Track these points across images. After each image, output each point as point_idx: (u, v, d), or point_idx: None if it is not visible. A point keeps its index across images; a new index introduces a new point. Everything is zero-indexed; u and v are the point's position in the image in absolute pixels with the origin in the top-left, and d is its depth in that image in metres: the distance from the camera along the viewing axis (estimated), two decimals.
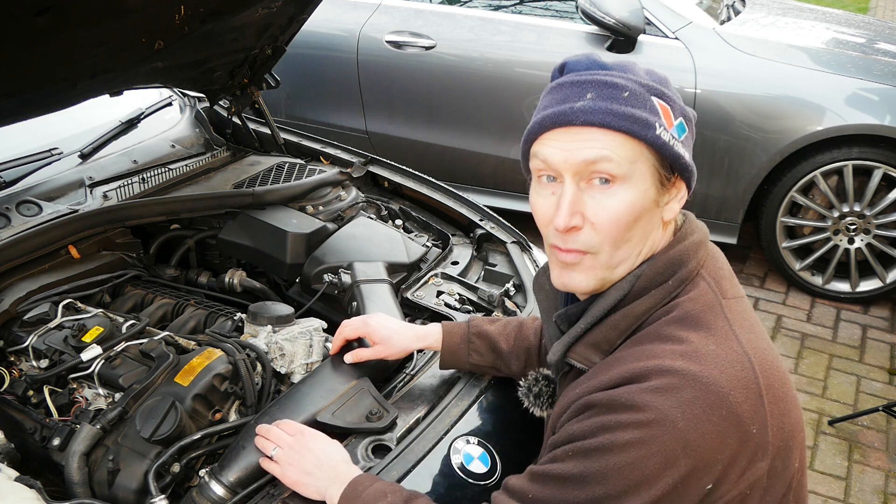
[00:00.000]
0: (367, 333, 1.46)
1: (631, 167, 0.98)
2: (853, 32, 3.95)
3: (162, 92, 2.53)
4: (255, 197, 2.05)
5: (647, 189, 1.00)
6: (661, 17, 3.51)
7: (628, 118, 0.97)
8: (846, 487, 2.55)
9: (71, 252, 1.79)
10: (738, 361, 0.94)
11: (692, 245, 1.05)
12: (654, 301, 1.02)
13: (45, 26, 1.44)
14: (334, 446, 1.24)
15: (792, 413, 0.99)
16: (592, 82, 0.99)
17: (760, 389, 0.94)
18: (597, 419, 0.95)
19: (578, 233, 1.01)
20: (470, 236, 2.05)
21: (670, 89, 1.03)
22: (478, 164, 3.88)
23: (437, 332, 1.47)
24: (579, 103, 0.98)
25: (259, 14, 1.99)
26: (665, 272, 1.03)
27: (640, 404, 0.91)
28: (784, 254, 3.56)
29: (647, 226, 1.02)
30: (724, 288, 1.03)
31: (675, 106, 1.02)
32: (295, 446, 1.21)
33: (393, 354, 1.46)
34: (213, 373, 1.39)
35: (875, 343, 3.30)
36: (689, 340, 0.95)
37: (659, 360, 0.94)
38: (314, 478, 1.18)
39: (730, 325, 0.98)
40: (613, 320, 1.04)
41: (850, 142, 3.25)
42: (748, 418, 0.92)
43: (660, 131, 0.98)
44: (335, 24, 3.96)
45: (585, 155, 0.97)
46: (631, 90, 0.98)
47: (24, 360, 1.55)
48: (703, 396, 0.90)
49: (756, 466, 0.93)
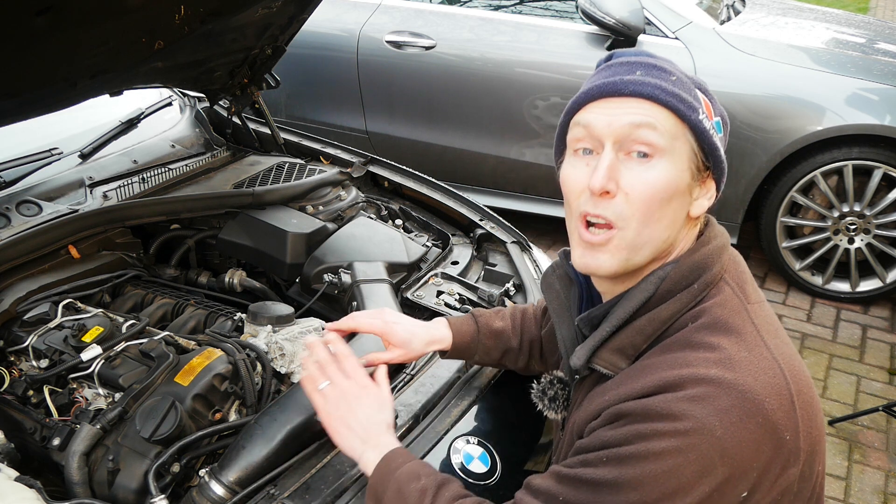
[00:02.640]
0: (384, 333, 1.36)
1: (672, 143, 0.98)
2: (853, 32, 3.95)
3: (162, 92, 2.53)
4: (255, 197, 2.05)
5: (683, 171, 1.00)
6: (661, 17, 3.51)
7: (675, 96, 0.98)
8: (846, 487, 2.55)
9: (71, 252, 1.79)
10: (769, 368, 0.94)
11: (716, 249, 1.04)
12: (679, 305, 1.01)
13: (45, 26, 1.44)
14: (383, 410, 1.19)
15: (818, 417, 0.99)
16: (642, 63, 1.02)
17: (792, 395, 0.94)
18: (632, 427, 0.93)
19: (611, 200, 0.99)
20: (470, 236, 2.05)
21: (709, 90, 1.06)
22: (478, 164, 3.88)
23: (448, 334, 1.41)
24: (629, 76, 0.99)
25: (259, 14, 2.00)
26: (690, 275, 1.02)
27: (678, 413, 0.90)
28: (784, 254, 3.56)
29: (678, 212, 1.01)
30: (747, 293, 1.03)
31: (715, 105, 1.05)
32: (346, 394, 1.18)
33: (409, 359, 1.40)
34: (213, 373, 1.39)
35: (875, 343, 3.30)
36: (722, 347, 0.94)
37: (693, 368, 0.93)
38: (353, 434, 1.16)
39: (757, 330, 0.98)
40: (639, 325, 1.02)
41: (850, 142, 3.25)
42: (783, 425, 0.92)
43: (702, 117, 1.00)
44: (335, 24, 3.96)
45: (631, 118, 0.98)
46: (678, 76, 1.01)
47: (24, 360, 1.55)
48: (739, 404, 0.90)
49: (788, 472, 0.94)
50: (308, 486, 1.23)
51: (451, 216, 2.17)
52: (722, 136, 1.05)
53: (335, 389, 1.19)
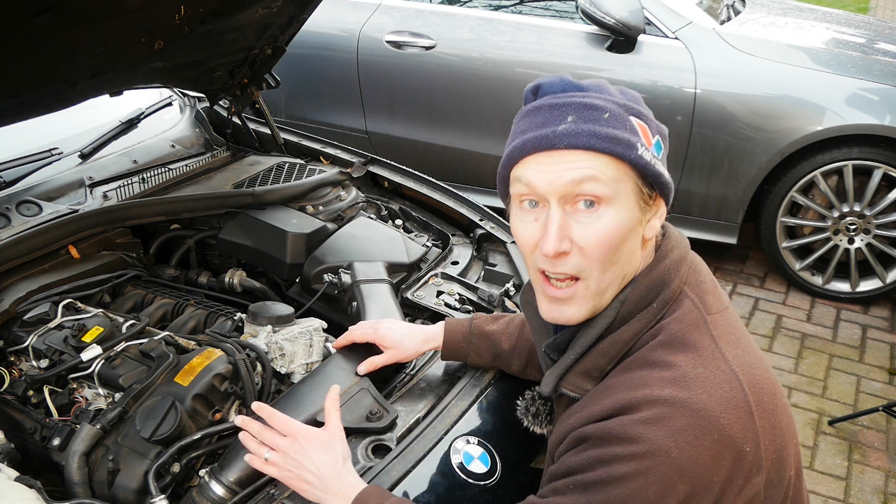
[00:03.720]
0: (376, 340, 1.47)
1: (616, 187, 0.97)
2: (853, 32, 3.95)
3: (162, 92, 2.52)
4: (255, 197, 2.05)
5: (631, 208, 0.99)
6: (661, 17, 3.51)
7: (611, 139, 0.96)
8: (846, 487, 2.55)
9: (71, 252, 1.79)
10: (726, 381, 0.95)
11: (673, 263, 1.05)
12: (640, 326, 1.02)
13: (45, 26, 1.44)
14: (329, 449, 1.16)
15: (782, 423, 0.99)
16: (572, 104, 0.98)
17: (750, 407, 0.95)
18: (593, 452, 0.95)
19: (567, 257, 1.00)
20: (470, 236, 2.05)
21: (644, 107, 1.03)
22: (478, 164, 3.88)
23: (440, 333, 1.47)
24: (561, 126, 0.97)
25: (259, 14, 2.00)
26: (648, 295, 1.03)
27: (634, 436, 0.92)
28: (784, 254, 3.56)
29: (633, 246, 1.02)
30: (707, 303, 1.03)
31: (652, 124, 1.02)
32: (290, 451, 1.16)
33: (405, 358, 1.47)
34: (213, 373, 1.39)
35: (875, 343, 3.30)
36: (677, 365, 0.96)
37: (648, 389, 0.95)
38: (313, 487, 1.14)
39: (716, 342, 0.99)
40: (602, 347, 1.04)
41: (850, 142, 3.25)
42: (741, 438, 0.93)
43: (641, 151, 0.98)
44: (335, 24, 3.96)
45: (572, 175, 0.96)
46: (611, 111, 0.98)
47: (24, 360, 1.55)
48: (694, 423, 0.91)
49: (753, 482, 0.94)
50: None
51: (451, 216, 2.17)
52: (664, 152, 1.03)
53: (277, 453, 1.17)
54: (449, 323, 1.48)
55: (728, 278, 3.76)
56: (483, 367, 1.50)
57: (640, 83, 3.45)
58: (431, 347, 1.48)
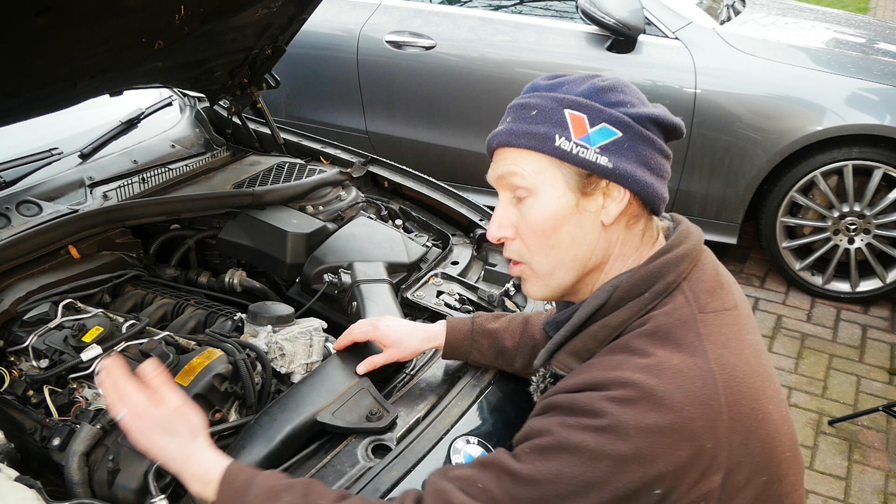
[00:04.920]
0: (376, 338, 1.46)
1: (537, 178, 1.07)
2: (853, 32, 3.95)
3: (162, 92, 2.52)
4: (255, 197, 2.05)
5: (559, 196, 1.06)
6: (661, 17, 3.51)
7: (526, 135, 1.07)
8: (846, 487, 2.55)
9: (71, 252, 1.79)
10: (699, 377, 0.96)
11: (675, 258, 1.06)
12: (630, 313, 1.05)
13: (45, 26, 1.44)
14: (173, 431, 1.10)
15: (762, 430, 0.99)
16: (514, 106, 1.12)
17: (721, 406, 0.95)
18: (557, 418, 0.99)
19: (511, 243, 1.13)
20: (470, 236, 2.05)
21: (600, 98, 1.06)
22: (478, 164, 3.88)
23: (442, 331, 1.47)
24: (499, 128, 1.11)
25: (259, 14, 2.00)
26: (642, 284, 1.05)
27: (598, 410, 0.95)
28: (784, 254, 3.56)
29: (577, 231, 1.08)
30: (702, 302, 1.04)
31: (596, 114, 1.05)
32: (135, 428, 1.10)
33: (405, 357, 1.47)
34: (213, 373, 1.38)
35: (875, 343, 3.30)
36: (655, 355, 0.98)
37: (621, 371, 0.98)
38: (171, 467, 1.10)
39: (700, 339, 1.00)
40: (592, 330, 1.08)
41: (850, 142, 3.25)
42: (703, 433, 0.94)
43: (559, 142, 1.05)
44: (335, 24, 3.96)
45: (499, 171, 1.12)
46: (540, 108, 1.07)
47: (24, 360, 1.55)
48: (656, 409, 0.93)
49: (710, 479, 0.95)
50: None
51: (451, 216, 2.17)
52: (615, 139, 1.04)
53: (128, 420, 1.11)
54: (450, 321, 1.49)
55: None
56: (484, 367, 1.50)
57: (641, 83, 3.44)
58: (432, 346, 1.48)
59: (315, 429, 1.33)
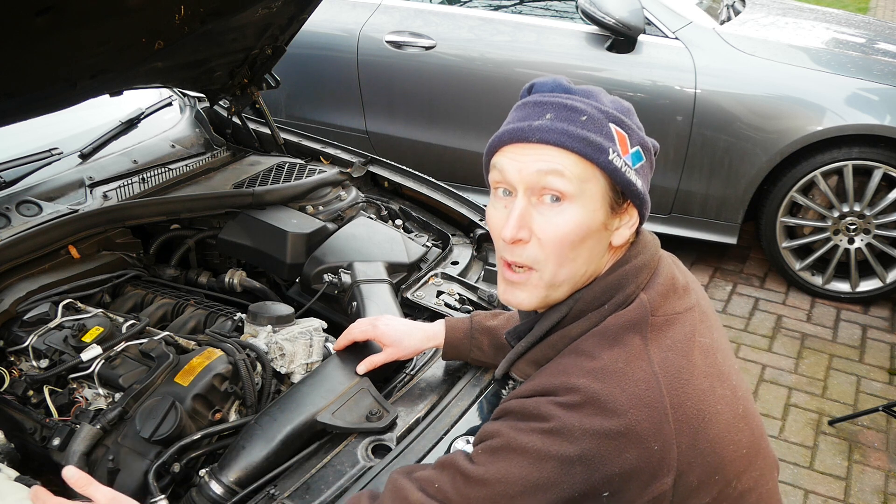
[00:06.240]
0: (375, 337, 1.47)
1: (581, 186, 1.01)
2: (853, 32, 3.95)
3: (162, 92, 2.53)
4: (255, 197, 2.05)
5: (595, 210, 1.03)
6: (661, 17, 3.51)
7: (582, 140, 1.00)
8: (846, 487, 2.55)
9: (71, 252, 1.79)
10: (643, 380, 0.97)
11: (633, 269, 1.07)
12: (589, 324, 1.06)
13: (45, 26, 1.44)
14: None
15: (711, 430, 0.99)
16: (553, 104, 1.04)
17: (666, 408, 0.96)
18: (508, 422, 1.01)
19: (525, 246, 1.05)
20: (470, 236, 2.05)
21: (632, 119, 1.06)
22: (478, 164, 3.85)
23: (441, 331, 1.48)
24: (538, 122, 1.02)
25: (259, 14, 2.00)
26: (602, 296, 1.06)
27: (546, 414, 0.96)
28: (784, 254, 3.56)
29: (595, 248, 1.06)
30: (656, 305, 1.05)
31: (634, 135, 1.05)
32: None
33: (405, 356, 1.47)
34: (213, 373, 1.39)
35: (875, 343, 3.30)
36: (601, 358, 1.00)
37: (567, 377, 0.99)
38: None
39: (645, 343, 1.00)
40: (552, 340, 1.09)
41: (850, 142, 3.25)
42: (649, 436, 0.94)
43: (612, 157, 1.01)
44: (335, 24, 3.96)
45: (538, 166, 1.01)
46: (590, 115, 1.02)
47: (24, 360, 1.55)
48: (601, 413, 0.94)
49: (661, 482, 0.95)
50: (308, 486, 1.23)
51: (451, 216, 2.17)
52: (642, 164, 1.06)
53: None
54: (449, 321, 1.49)
55: (728, 278, 3.76)
56: (484, 365, 1.50)
57: (640, 83, 3.45)
58: (432, 345, 1.48)
59: (315, 429, 1.33)
